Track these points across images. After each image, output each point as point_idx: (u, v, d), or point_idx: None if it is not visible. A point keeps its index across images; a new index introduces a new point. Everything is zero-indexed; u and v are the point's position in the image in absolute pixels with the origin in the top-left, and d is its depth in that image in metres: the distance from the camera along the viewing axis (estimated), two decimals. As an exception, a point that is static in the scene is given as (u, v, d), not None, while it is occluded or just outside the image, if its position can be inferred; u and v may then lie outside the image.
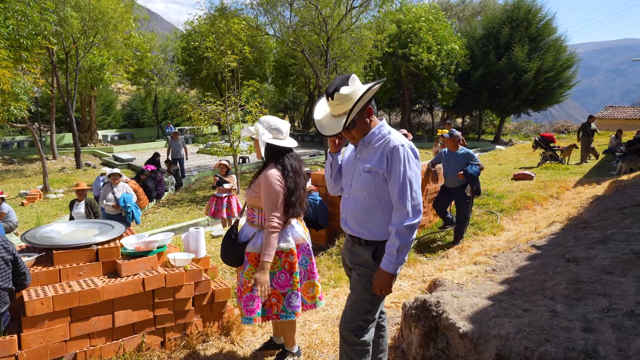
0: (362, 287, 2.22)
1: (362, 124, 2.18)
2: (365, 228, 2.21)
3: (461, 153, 5.91)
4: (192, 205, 12.12)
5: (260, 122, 2.72)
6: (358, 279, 2.25)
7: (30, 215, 11.23)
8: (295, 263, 2.76)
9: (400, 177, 2.07)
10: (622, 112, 30.63)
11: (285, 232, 2.75)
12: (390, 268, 2.07)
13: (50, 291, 2.67)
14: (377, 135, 2.20)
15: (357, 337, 2.21)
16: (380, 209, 2.17)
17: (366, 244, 2.23)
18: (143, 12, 26.61)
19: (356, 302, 2.24)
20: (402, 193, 2.07)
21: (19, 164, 18.33)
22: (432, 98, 29.39)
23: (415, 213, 2.07)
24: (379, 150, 2.15)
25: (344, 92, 2.08)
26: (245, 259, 2.74)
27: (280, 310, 2.75)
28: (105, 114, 29.50)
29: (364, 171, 2.17)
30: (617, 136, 15.16)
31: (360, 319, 2.21)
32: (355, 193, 2.23)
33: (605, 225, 4.39)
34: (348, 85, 2.10)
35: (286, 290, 2.76)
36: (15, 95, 11.23)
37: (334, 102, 2.12)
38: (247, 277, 2.69)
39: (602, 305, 2.32)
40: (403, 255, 2.08)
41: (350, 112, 2.09)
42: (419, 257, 5.64)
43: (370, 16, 19.60)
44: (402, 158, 2.08)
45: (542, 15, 25.51)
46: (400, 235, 2.05)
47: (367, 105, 2.17)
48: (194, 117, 12.95)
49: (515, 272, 3.32)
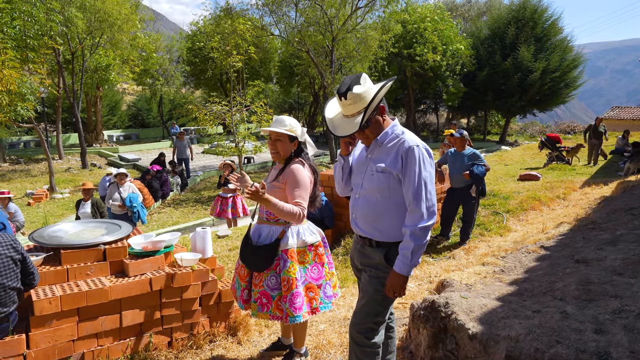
0: (373, 289, 2.19)
1: (376, 124, 2.16)
2: (376, 229, 2.18)
3: (467, 153, 5.88)
4: (198, 205, 12.14)
5: (290, 121, 2.73)
6: (369, 281, 2.22)
7: (36, 215, 11.30)
8: (324, 255, 2.84)
9: (416, 178, 2.04)
10: (629, 113, 30.40)
11: (311, 225, 2.85)
12: (404, 270, 2.04)
13: (58, 291, 2.68)
14: (390, 135, 2.17)
15: (368, 339, 2.19)
16: (393, 209, 2.14)
17: (377, 245, 2.20)
18: (148, 13, 26.75)
19: (367, 304, 2.21)
20: (417, 194, 2.04)
21: (26, 164, 18.45)
22: (437, 98, 29.31)
23: (430, 214, 2.05)
24: (392, 150, 2.12)
25: (357, 91, 2.05)
26: (284, 257, 2.68)
27: (319, 303, 2.78)
28: (110, 114, 29.63)
29: (378, 171, 2.13)
30: (624, 137, 15.03)
31: (371, 320, 2.19)
32: (367, 193, 2.20)
33: (614, 226, 4.35)
34: (360, 84, 2.07)
35: (320, 282, 2.80)
36: (22, 95, 11.30)
37: (346, 102, 2.09)
38: (289, 274, 2.65)
39: (613, 306, 2.29)
40: (417, 257, 2.06)
41: (365, 111, 2.06)
42: (425, 257, 5.62)
43: (376, 16, 19.60)
44: (417, 158, 2.05)
45: (548, 16, 25.39)
46: (414, 236, 2.02)
47: (380, 104, 2.15)
48: (199, 118, 13.00)
49: (524, 273, 3.30)
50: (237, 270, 2.91)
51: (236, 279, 2.90)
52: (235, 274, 2.92)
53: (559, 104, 27.53)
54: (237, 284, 2.89)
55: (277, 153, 2.76)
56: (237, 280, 2.89)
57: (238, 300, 2.85)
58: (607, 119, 30.09)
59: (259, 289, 2.71)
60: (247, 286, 2.79)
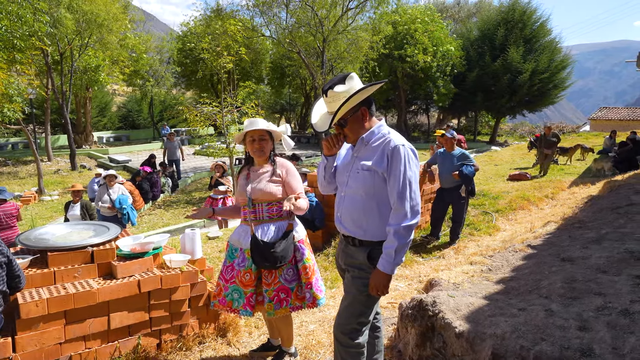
0: (357, 289, 2.20)
1: (354, 123, 2.18)
2: (360, 228, 2.19)
3: (456, 154, 5.93)
4: (188, 206, 12.08)
5: (263, 121, 2.83)
6: (352, 281, 2.23)
7: (24, 217, 11.15)
8: None
9: (401, 177, 2.07)
10: (617, 113, 30.83)
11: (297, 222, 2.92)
12: (387, 269, 2.06)
13: (45, 293, 2.66)
14: (376, 135, 2.19)
15: (352, 339, 2.19)
16: (376, 208, 2.16)
17: (360, 244, 2.21)
18: (138, 14, 26.56)
19: (351, 304, 2.22)
20: (401, 193, 2.06)
21: (14, 165, 18.21)
22: (428, 99, 29.46)
23: (414, 214, 2.07)
24: (378, 149, 2.14)
25: (337, 90, 2.09)
26: (301, 247, 2.79)
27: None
28: (100, 116, 29.36)
29: (363, 169, 2.16)
30: (611, 137, 15.25)
31: (355, 321, 2.20)
32: (352, 192, 2.21)
33: (600, 225, 4.41)
34: (344, 84, 2.11)
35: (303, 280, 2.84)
36: (9, 96, 11.18)
37: (327, 99, 2.15)
38: (308, 261, 2.79)
39: (597, 304, 2.33)
40: (400, 256, 2.07)
41: (337, 110, 2.09)
42: (415, 257, 5.65)
43: (366, 17, 19.69)
44: (402, 158, 2.08)
45: (537, 17, 25.64)
46: (398, 235, 2.04)
47: (362, 105, 2.16)
48: (190, 119, 12.93)
49: (511, 271, 3.33)
50: (230, 282, 2.79)
51: (231, 291, 2.77)
52: (228, 285, 2.80)
53: (548, 104, 27.80)
54: (235, 294, 2.76)
55: (262, 152, 2.79)
56: (235, 291, 2.76)
57: (241, 309, 2.73)
58: (595, 120, 30.58)
59: (274, 286, 2.71)
60: (254, 290, 2.75)
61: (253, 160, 2.89)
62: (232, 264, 2.82)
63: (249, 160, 2.92)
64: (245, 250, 2.76)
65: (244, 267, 2.75)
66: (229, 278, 2.81)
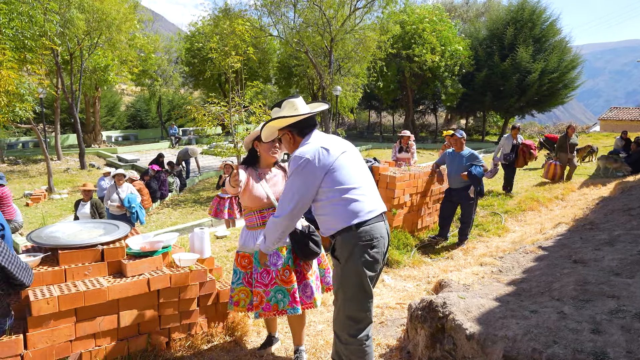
0: (335, 284, 2.41)
1: (284, 142, 2.52)
2: (322, 226, 2.42)
3: (465, 154, 5.89)
4: (196, 206, 12.13)
5: None
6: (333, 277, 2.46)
7: (35, 215, 11.28)
8: None
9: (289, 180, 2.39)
10: (627, 114, 30.46)
11: None
12: (262, 247, 2.49)
13: (56, 291, 2.67)
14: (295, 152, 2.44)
15: (348, 334, 2.27)
16: (321, 209, 2.37)
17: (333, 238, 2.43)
18: (147, 13, 26.71)
19: (336, 299, 2.39)
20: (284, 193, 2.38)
21: (24, 164, 18.41)
22: (435, 99, 29.35)
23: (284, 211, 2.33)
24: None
25: (273, 111, 2.49)
26: None
27: None
28: (109, 115, 29.60)
29: None
30: (622, 137, 15.06)
31: (344, 315, 2.30)
32: None
33: (612, 227, 4.36)
34: (280, 107, 2.44)
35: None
36: (20, 96, 11.28)
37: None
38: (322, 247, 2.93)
39: (610, 306, 2.30)
40: (269, 241, 2.43)
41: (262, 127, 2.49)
42: (423, 258, 5.62)
43: (374, 17, 19.64)
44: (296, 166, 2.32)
45: (546, 16, 25.44)
46: (269, 223, 2.41)
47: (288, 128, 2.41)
48: (197, 118, 12.97)
49: (522, 273, 3.30)
50: (270, 285, 2.70)
51: (274, 293, 2.69)
52: (269, 290, 2.70)
53: (558, 104, 27.59)
54: (279, 294, 2.69)
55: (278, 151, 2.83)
56: (278, 292, 2.69)
57: (288, 308, 2.67)
58: (605, 120, 30.26)
59: (313, 276, 2.87)
60: (305, 282, 2.82)
61: (256, 161, 2.87)
62: (264, 268, 2.74)
63: (252, 161, 2.87)
64: (278, 248, 2.73)
65: (281, 265, 2.72)
66: (268, 282, 2.72)
